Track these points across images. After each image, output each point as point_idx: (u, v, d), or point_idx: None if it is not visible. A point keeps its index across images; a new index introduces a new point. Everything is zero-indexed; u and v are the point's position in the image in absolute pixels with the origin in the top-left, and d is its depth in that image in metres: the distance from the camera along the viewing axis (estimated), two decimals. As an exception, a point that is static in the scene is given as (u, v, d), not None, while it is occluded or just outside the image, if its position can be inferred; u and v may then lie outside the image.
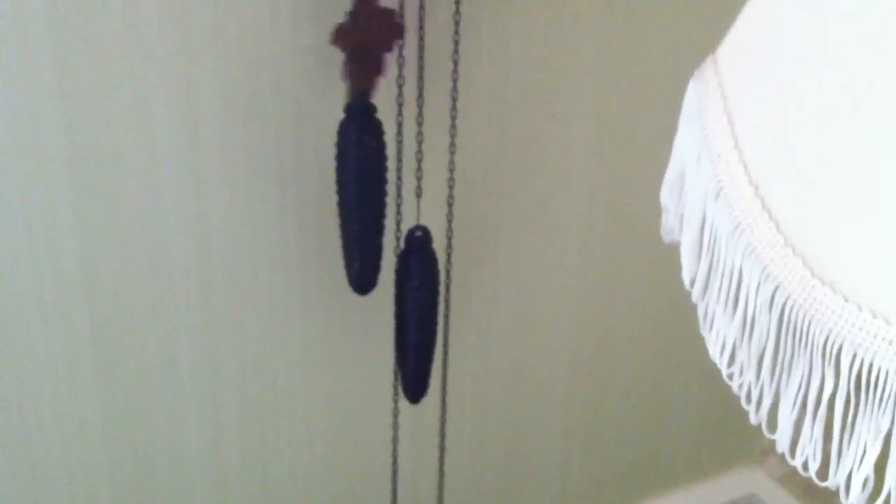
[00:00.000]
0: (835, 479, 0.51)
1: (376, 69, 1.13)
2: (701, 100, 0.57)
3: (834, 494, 0.51)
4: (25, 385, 1.25)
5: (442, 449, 1.41)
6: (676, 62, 1.34)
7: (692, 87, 0.58)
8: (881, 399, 0.48)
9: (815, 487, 0.53)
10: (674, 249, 0.62)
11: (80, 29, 1.11)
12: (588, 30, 1.37)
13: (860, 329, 0.47)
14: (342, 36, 1.12)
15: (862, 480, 0.50)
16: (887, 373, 0.47)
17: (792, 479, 1.88)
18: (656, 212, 0.64)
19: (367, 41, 1.11)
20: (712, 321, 0.58)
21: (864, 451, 0.49)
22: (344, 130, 1.13)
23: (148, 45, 1.14)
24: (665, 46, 1.43)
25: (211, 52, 1.18)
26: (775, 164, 0.52)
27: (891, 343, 0.47)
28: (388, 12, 1.13)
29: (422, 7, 1.19)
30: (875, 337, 0.47)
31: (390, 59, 1.15)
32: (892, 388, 0.47)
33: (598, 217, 1.50)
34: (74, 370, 1.27)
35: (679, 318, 1.42)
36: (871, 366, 0.47)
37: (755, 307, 0.53)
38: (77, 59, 1.12)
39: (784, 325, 0.51)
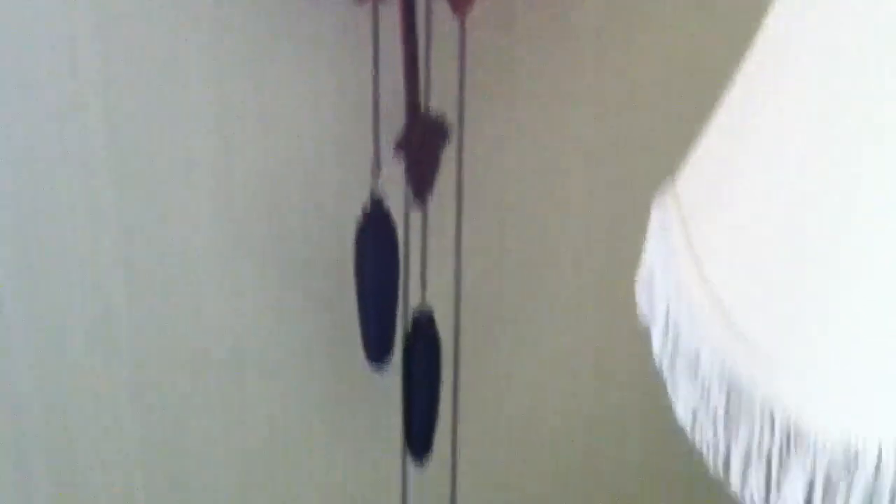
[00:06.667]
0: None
1: (435, 170, 1.28)
2: (663, 220, 0.73)
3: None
4: None
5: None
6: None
7: (655, 210, 0.75)
8: (805, 449, 0.64)
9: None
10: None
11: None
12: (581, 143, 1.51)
13: (788, 394, 0.63)
14: (403, 147, 1.26)
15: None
16: (810, 428, 0.63)
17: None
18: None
19: (425, 149, 1.26)
20: (677, 389, 0.74)
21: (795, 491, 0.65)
22: (363, 234, 1.30)
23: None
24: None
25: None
26: (727, 272, 0.68)
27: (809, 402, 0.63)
28: (438, 118, 1.27)
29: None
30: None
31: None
32: (813, 442, 0.63)
33: (603, 292, 1.62)
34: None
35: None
36: (796, 423, 0.63)
37: (710, 379, 0.69)
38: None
39: (732, 392, 0.68)
